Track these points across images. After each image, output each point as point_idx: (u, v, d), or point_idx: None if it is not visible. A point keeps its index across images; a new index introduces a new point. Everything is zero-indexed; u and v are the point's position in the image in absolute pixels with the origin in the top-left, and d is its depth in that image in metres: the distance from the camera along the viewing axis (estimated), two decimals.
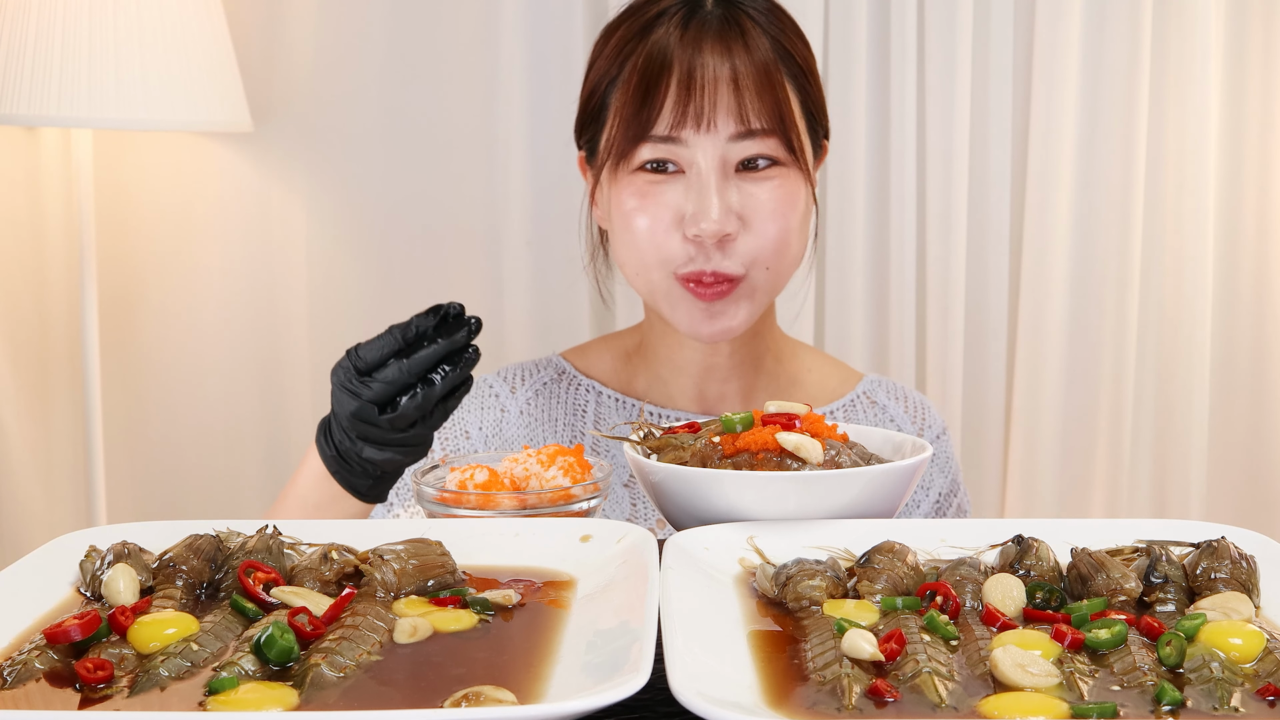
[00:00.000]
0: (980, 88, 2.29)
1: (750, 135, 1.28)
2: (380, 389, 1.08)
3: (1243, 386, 2.43)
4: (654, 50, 1.29)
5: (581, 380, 1.44)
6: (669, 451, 1.00)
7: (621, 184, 1.32)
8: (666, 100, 1.28)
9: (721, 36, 1.29)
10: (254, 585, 0.80)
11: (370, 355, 1.08)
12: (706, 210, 1.26)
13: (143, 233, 2.39)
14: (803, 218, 1.34)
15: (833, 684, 0.68)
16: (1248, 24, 2.33)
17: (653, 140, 1.29)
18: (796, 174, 1.31)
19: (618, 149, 1.31)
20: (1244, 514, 2.44)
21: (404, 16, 2.32)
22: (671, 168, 1.29)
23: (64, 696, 0.68)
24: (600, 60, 1.35)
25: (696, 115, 1.27)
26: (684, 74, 1.27)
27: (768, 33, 1.31)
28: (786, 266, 1.34)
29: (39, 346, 2.38)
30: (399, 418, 1.08)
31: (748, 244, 1.29)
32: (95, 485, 2.23)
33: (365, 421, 1.09)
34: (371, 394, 1.08)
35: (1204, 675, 0.68)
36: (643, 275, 1.32)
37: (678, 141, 1.28)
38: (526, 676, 0.70)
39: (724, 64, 1.27)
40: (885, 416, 1.46)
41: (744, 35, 1.29)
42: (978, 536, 0.90)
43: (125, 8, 2.02)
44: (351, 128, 2.32)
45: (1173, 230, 2.36)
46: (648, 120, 1.28)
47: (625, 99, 1.30)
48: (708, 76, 1.27)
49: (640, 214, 1.30)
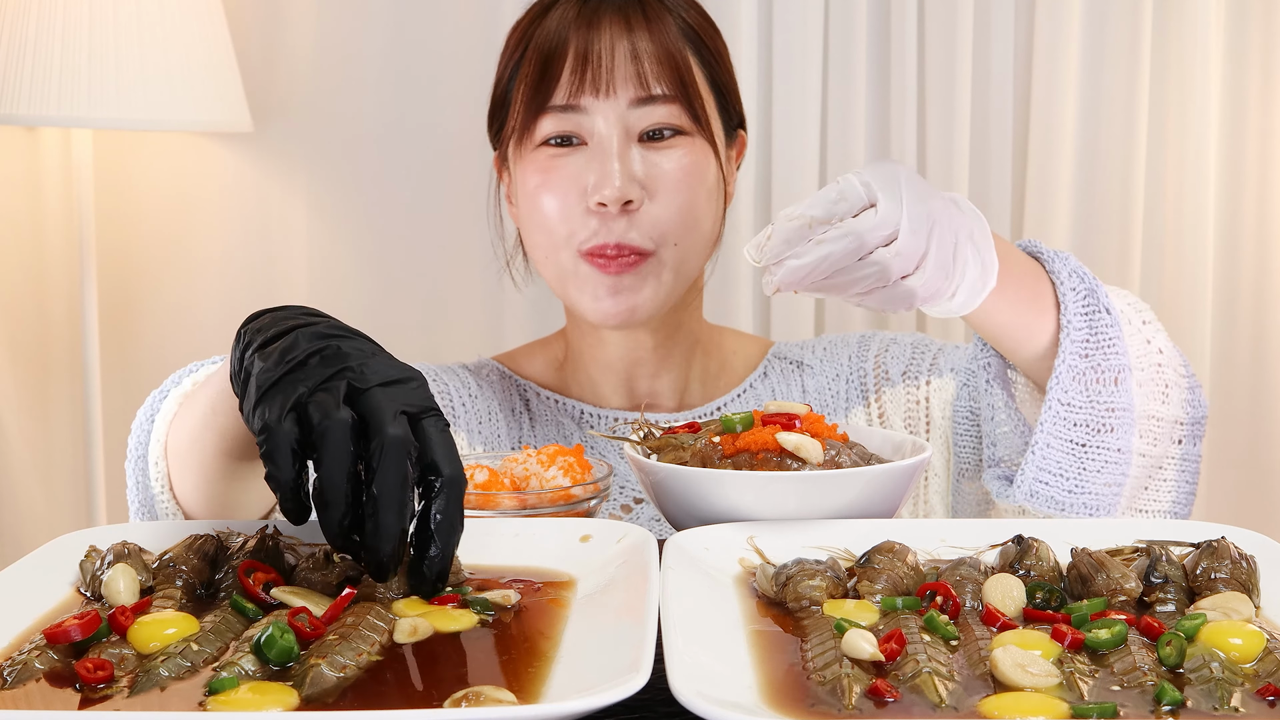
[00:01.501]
0: (980, 88, 2.29)
1: (651, 101, 1.27)
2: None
3: (1242, 386, 2.43)
4: (550, 30, 1.29)
5: (518, 380, 1.44)
6: (669, 451, 1.00)
7: (525, 162, 1.31)
8: (564, 72, 1.27)
9: (622, 11, 1.28)
10: (254, 585, 0.80)
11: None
12: (608, 176, 1.25)
13: (143, 233, 2.39)
14: (711, 192, 1.32)
15: (833, 684, 0.68)
16: (1248, 24, 2.33)
17: (553, 111, 1.28)
18: (704, 146, 1.30)
19: (520, 126, 1.30)
20: (1244, 514, 2.44)
21: (404, 17, 2.32)
22: (575, 141, 1.28)
23: (64, 697, 0.68)
24: (503, 53, 1.35)
25: (594, 81, 1.26)
26: (581, 46, 1.27)
27: (673, 13, 1.31)
28: (696, 243, 1.31)
29: (39, 346, 2.38)
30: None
31: (653, 215, 1.27)
32: (95, 485, 2.23)
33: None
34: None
35: (1204, 675, 0.68)
36: (551, 257, 1.30)
37: (578, 109, 1.27)
38: (526, 676, 0.70)
39: (622, 36, 1.27)
40: (798, 371, 1.43)
41: (645, 10, 1.29)
42: (978, 536, 0.90)
43: (125, 8, 2.02)
44: (351, 128, 2.32)
45: (1173, 230, 2.36)
46: (546, 93, 1.27)
47: (525, 80, 1.29)
48: (605, 45, 1.26)
49: (544, 190, 1.29)
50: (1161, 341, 1.15)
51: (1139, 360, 1.11)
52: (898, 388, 1.39)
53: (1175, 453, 1.16)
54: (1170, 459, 1.16)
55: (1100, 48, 2.30)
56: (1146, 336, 1.13)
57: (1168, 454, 1.16)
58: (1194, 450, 1.17)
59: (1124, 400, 1.08)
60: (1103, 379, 1.07)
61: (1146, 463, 1.13)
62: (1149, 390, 1.11)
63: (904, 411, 1.39)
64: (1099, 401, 1.07)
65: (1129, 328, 1.11)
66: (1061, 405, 1.07)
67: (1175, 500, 1.17)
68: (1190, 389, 1.17)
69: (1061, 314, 1.08)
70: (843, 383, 1.42)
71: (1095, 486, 1.09)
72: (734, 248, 2.23)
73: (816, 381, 1.42)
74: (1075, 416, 1.07)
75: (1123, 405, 1.08)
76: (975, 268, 1.00)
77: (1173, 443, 1.15)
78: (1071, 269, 1.10)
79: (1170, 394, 1.14)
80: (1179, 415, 1.15)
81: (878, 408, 1.40)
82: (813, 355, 1.45)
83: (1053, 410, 1.07)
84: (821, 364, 1.44)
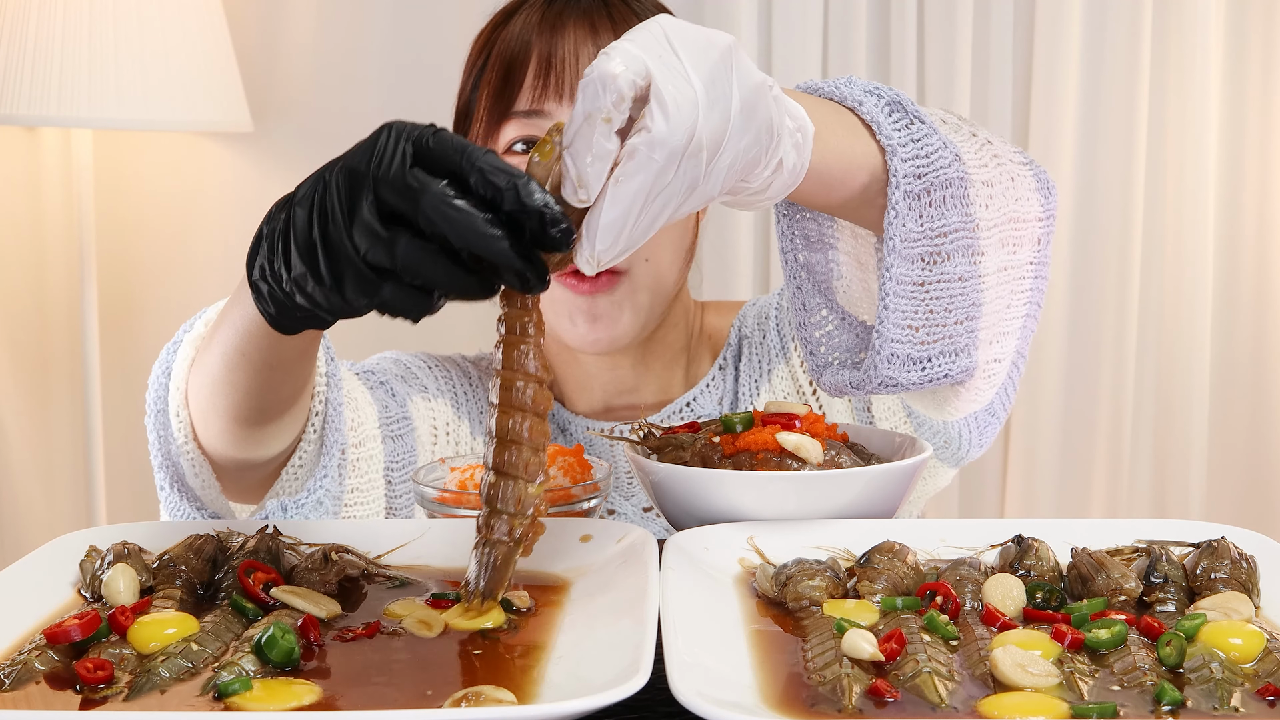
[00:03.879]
0: (980, 88, 2.29)
1: None
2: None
3: (1243, 386, 2.43)
4: (513, 36, 1.26)
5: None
6: (669, 451, 1.00)
7: None
8: (527, 77, 1.24)
9: (587, 15, 1.25)
10: (254, 585, 0.80)
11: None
12: None
13: (143, 233, 2.39)
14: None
15: (833, 684, 0.68)
16: (1248, 24, 2.33)
17: (516, 117, 1.25)
18: None
19: (484, 132, 1.28)
20: (1244, 514, 2.44)
21: (404, 17, 2.32)
22: None
23: (64, 697, 0.68)
24: (466, 62, 1.33)
25: (558, 86, 1.23)
26: (545, 51, 1.24)
27: (641, 17, 1.26)
28: (668, 256, 1.27)
29: (39, 346, 2.39)
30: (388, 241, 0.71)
31: None
32: (95, 485, 2.23)
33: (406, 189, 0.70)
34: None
35: (1204, 675, 0.68)
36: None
37: (541, 114, 1.24)
38: (526, 677, 0.70)
39: (587, 40, 1.24)
40: (758, 336, 1.38)
41: (611, 14, 1.26)
42: (978, 536, 0.90)
43: (125, 8, 2.02)
44: (351, 128, 2.31)
45: (1173, 230, 2.36)
46: (510, 98, 1.25)
47: (488, 87, 1.27)
48: (569, 50, 1.23)
49: None
50: (987, 134, 1.00)
51: (975, 159, 0.95)
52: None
53: (1035, 256, 1.02)
54: (1030, 265, 1.01)
55: (1100, 48, 2.30)
56: (970, 130, 0.98)
57: (1029, 259, 1.01)
58: (1048, 251, 1.03)
59: (956, 218, 0.92)
60: (949, 197, 0.92)
61: (1008, 277, 0.98)
62: (1000, 190, 0.96)
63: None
64: (933, 227, 0.91)
65: (945, 127, 0.95)
66: (904, 243, 0.91)
67: (1028, 314, 1.03)
68: (1036, 175, 1.02)
69: (877, 134, 0.91)
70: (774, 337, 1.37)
71: (950, 329, 0.95)
72: (729, 224, 2.22)
73: (754, 351, 1.38)
74: (915, 250, 0.92)
75: (955, 225, 0.92)
76: (789, 126, 0.81)
77: (1034, 244, 1.01)
78: (864, 88, 0.93)
79: (1020, 186, 0.98)
80: (1036, 211, 1.00)
81: (798, 357, 1.34)
82: (751, 323, 1.40)
83: (896, 250, 0.91)
84: (755, 330, 1.39)
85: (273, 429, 1.01)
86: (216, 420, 0.99)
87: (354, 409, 1.19)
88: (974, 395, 1.03)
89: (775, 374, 1.36)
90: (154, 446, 1.07)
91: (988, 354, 1.00)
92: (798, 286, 1.05)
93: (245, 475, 1.05)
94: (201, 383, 0.99)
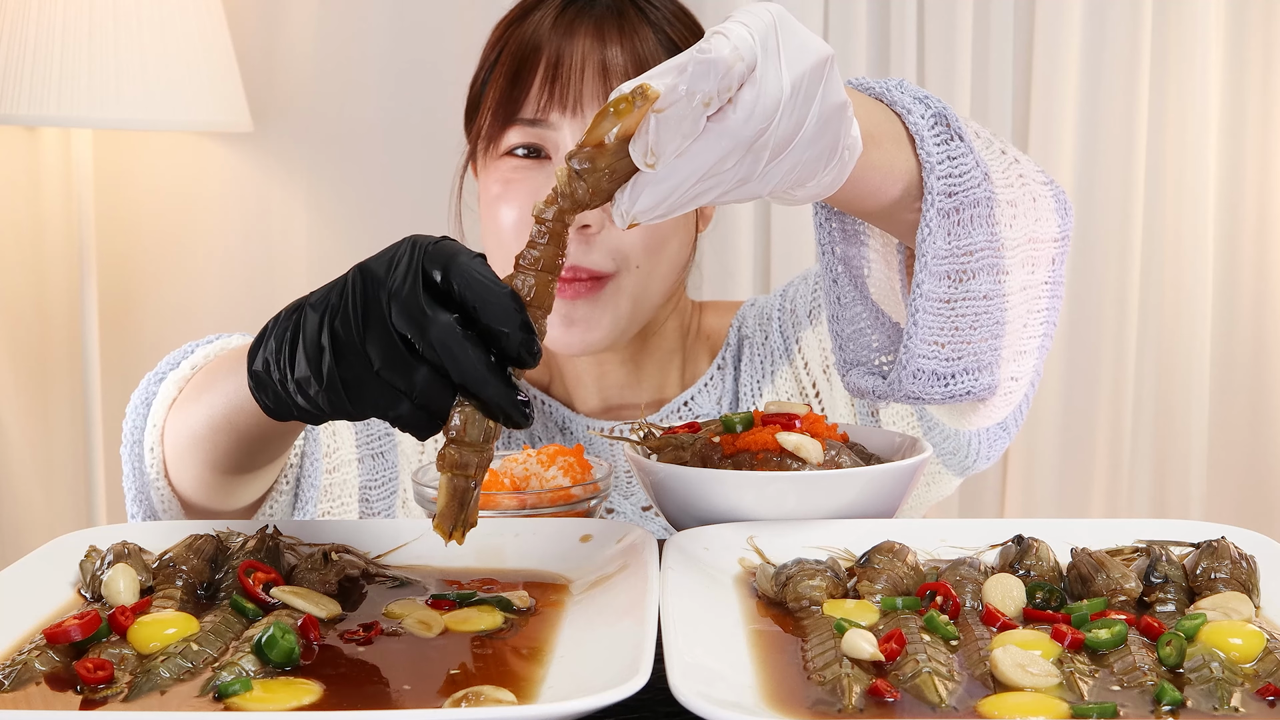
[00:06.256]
0: (980, 88, 2.29)
1: None
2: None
3: (1243, 386, 2.43)
4: (526, 35, 1.26)
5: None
6: (669, 451, 1.00)
7: (489, 170, 1.29)
8: (534, 83, 1.24)
9: (599, 24, 1.25)
10: (254, 585, 0.80)
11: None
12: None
13: (143, 233, 2.39)
14: (681, 217, 1.26)
15: (833, 684, 0.68)
16: (1248, 24, 2.33)
17: (520, 124, 1.25)
18: None
19: (487, 134, 1.28)
20: (1244, 514, 2.45)
21: (404, 16, 2.32)
22: (542, 153, 1.26)
23: (64, 697, 0.68)
24: (483, 52, 1.33)
25: (563, 98, 1.23)
26: (553, 57, 1.23)
27: (657, 27, 1.27)
28: (660, 268, 1.26)
29: (39, 346, 2.39)
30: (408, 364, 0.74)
31: (615, 235, 1.23)
32: (95, 485, 2.23)
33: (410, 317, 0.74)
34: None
35: (1204, 675, 0.68)
36: (503, 270, 1.27)
37: (545, 124, 1.24)
38: (526, 676, 0.70)
39: (595, 50, 1.24)
40: (758, 337, 1.39)
41: (624, 24, 1.25)
42: (978, 536, 0.90)
43: (125, 8, 2.02)
44: (351, 127, 2.32)
45: (1173, 230, 2.36)
46: (515, 103, 1.25)
47: (496, 86, 1.27)
48: (576, 60, 1.23)
49: (502, 201, 1.26)
50: (1015, 151, 1.00)
51: (1002, 179, 0.95)
52: (806, 330, 1.34)
53: (1050, 276, 1.02)
54: (1045, 284, 1.02)
55: (1100, 48, 2.30)
56: (1000, 147, 0.98)
57: (1045, 279, 1.01)
58: (1062, 271, 1.03)
59: (982, 238, 0.92)
60: (976, 216, 0.92)
61: (1027, 296, 0.99)
62: (1023, 209, 0.96)
63: (820, 357, 1.33)
64: (960, 245, 0.92)
65: (978, 142, 0.95)
66: (934, 259, 0.91)
67: (1044, 334, 1.04)
68: (1055, 196, 1.02)
69: (919, 148, 0.90)
70: (776, 336, 1.37)
71: (974, 346, 0.95)
72: (730, 224, 2.23)
73: (754, 353, 1.38)
74: (943, 268, 0.92)
75: (981, 244, 0.92)
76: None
77: (1049, 264, 1.01)
78: (915, 95, 0.93)
79: (1040, 207, 0.99)
80: (1053, 231, 1.01)
81: (801, 359, 1.34)
82: (751, 324, 1.41)
83: (928, 267, 0.91)
84: (756, 331, 1.39)
85: (249, 478, 1.02)
86: (193, 466, 1.00)
87: (330, 435, 1.19)
88: (991, 411, 1.04)
89: (778, 375, 1.36)
90: (128, 479, 1.07)
91: (1007, 372, 1.01)
92: (834, 279, 1.04)
93: (214, 516, 1.05)
94: (180, 430, 1.00)
